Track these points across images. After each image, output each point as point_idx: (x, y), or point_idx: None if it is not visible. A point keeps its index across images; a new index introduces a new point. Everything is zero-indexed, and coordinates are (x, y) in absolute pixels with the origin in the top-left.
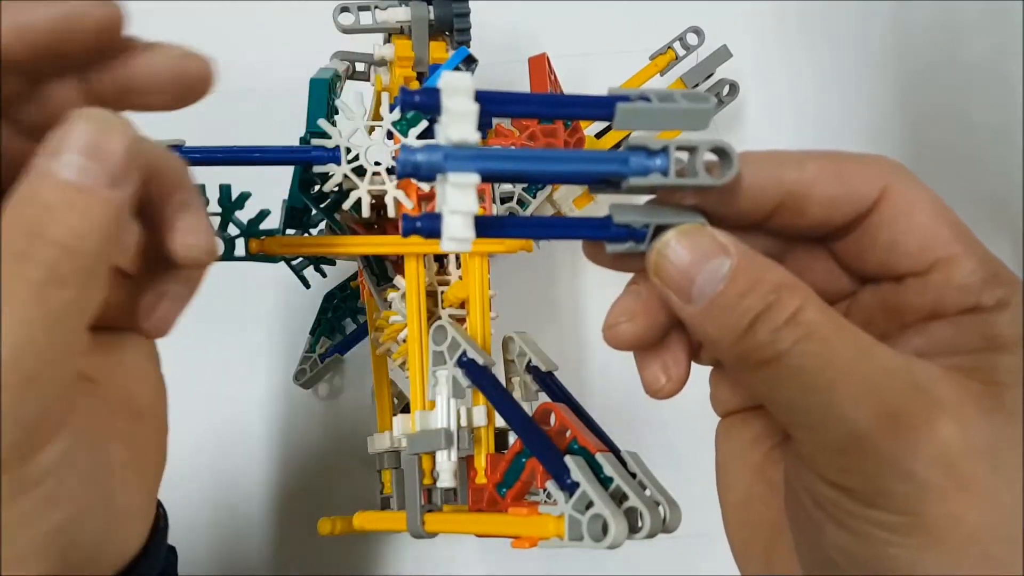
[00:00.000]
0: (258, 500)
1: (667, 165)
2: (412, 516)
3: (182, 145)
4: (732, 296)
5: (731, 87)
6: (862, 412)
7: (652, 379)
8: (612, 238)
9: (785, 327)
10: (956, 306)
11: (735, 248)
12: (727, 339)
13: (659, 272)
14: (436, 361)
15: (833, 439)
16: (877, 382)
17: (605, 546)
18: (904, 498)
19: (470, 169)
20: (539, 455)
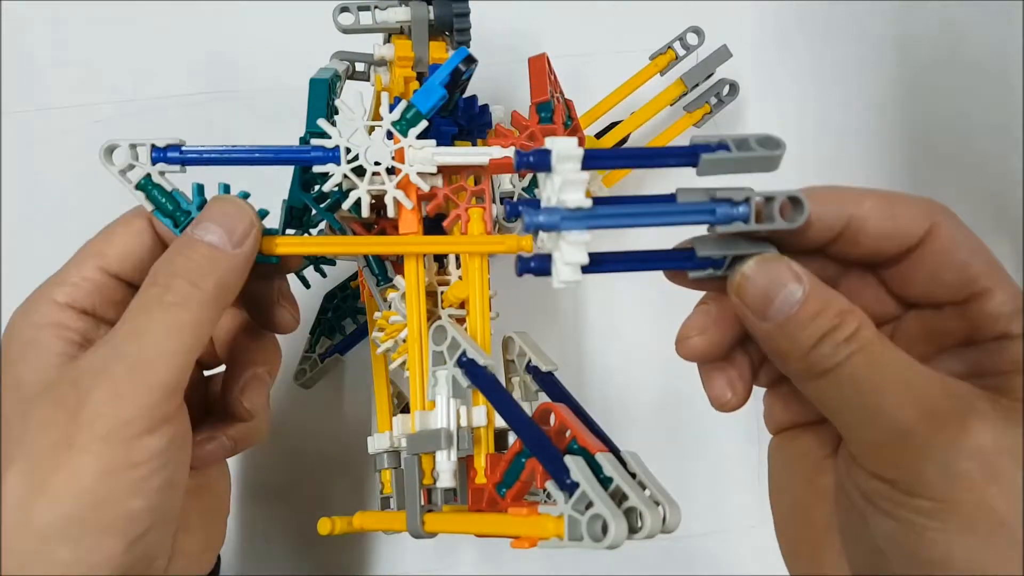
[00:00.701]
0: (257, 500)
1: (748, 213)
2: (412, 516)
3: (182, 145)
4: (804, 317)
5: (731, 87)
6: (906, 411)
7: (720, 393)
8: (696, 267)
9: (845, 343)
10: (988, 333)
11: (807, 278)
12: (796, 352)
13: (741, 293)
14: (436, 361)
15: (880, 436)
16: (919, 388)
17: (605, 546)
18: (941, 486)
19: (582, 227)
20: (539, 455)
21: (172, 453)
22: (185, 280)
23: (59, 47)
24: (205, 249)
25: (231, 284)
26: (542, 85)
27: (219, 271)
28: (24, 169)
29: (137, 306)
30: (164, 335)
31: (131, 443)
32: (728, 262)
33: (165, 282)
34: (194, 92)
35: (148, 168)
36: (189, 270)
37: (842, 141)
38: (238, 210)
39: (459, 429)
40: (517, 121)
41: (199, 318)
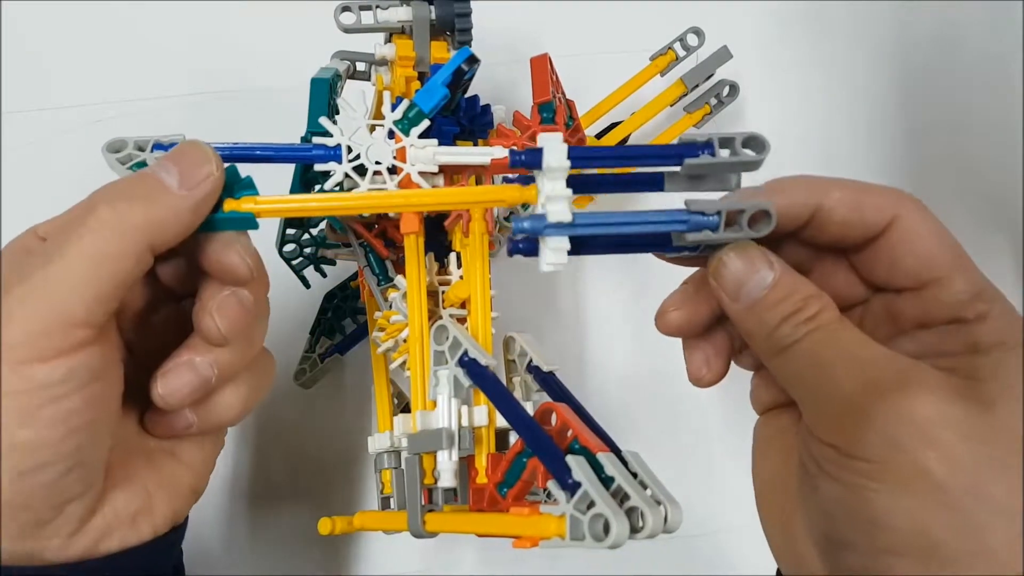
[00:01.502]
0: (257, 500)
1: (718, 223)
2: (413, 516)
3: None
4: (771, 300)
5: (731, 88)
6: (851, 382)
7: (696, 368)
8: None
9: (804, 324)
10: (943, 318)
11: (779, 265)
12: (762, 332)
13: (717, 276)
14: (437, 361)
15: (828, 405)
16: (866, 361)
17: (607, 546)
18: (879, 449)
19: (563, 235)
20: (540, 455)
21: (72, 388)
22: (111, 207)
23: (59, 47)
24: (151, 181)
25: (167, 224)
26: (544, 85)
27: (154, 206)
28: (24, 169)
29: (58, 228)
30: (74, 261)
31: (20, 368)
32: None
33: (92, 204)
34: (194, 92)
35: (145, 156)
36: (120, 197)
37: (842, 141)
38: (201, 154)
39: (460, 429)
40: (519, 121)
41: (118, 249)
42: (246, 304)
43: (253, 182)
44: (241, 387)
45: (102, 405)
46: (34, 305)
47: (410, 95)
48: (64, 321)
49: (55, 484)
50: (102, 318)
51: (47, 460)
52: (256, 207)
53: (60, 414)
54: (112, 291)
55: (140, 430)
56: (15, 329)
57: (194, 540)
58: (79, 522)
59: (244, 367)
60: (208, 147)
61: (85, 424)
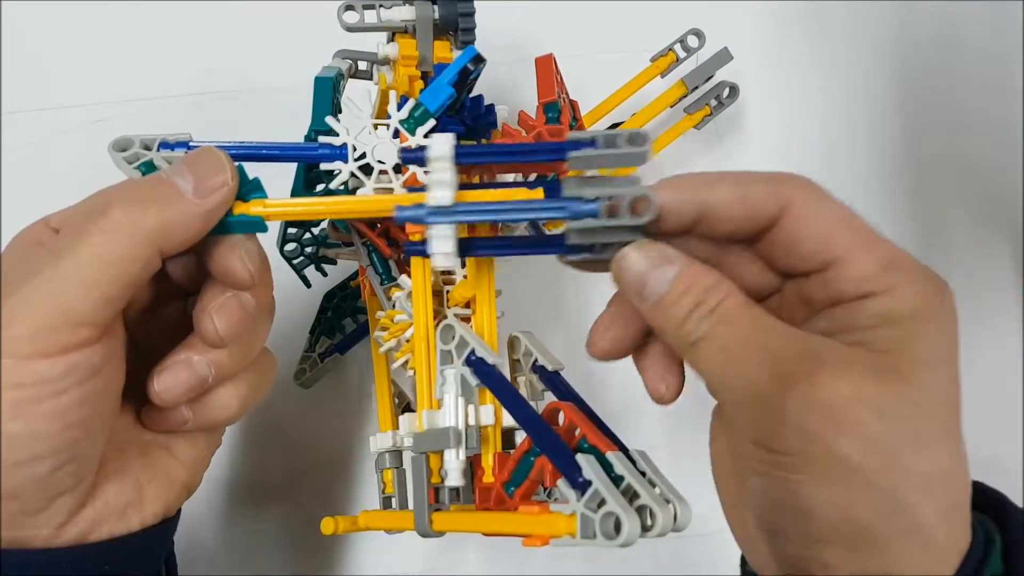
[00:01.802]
0: (257, 499)
1: (598, 211)
2: (420, 515)
3: (189, 140)
4: (675, 295)
5: (731, 89)
6: (761, 376)
7: (654, 389)
8: (568, 252)
9: (708, 316)
10: (851, 295)
11: (679, 259)
12: (670, 328)
13: (619, 277)
14: (444, 360)
15: (742, 399)
16: (773, 351)
17: (618, 544)
18: (794, 441)
19: (446, 222)
20: (550, 453)
21: (70, 384)
22: (124, 210)
23: (60, 47)
24: (165, 187)
25: (178, 230)
26: (549, 85)
27: (166, 212)
28: (24, 169)
29: (71, 224)
30: (83, 261)
31: (21, 362)
32: (600, 247)
33: (105, 206)
34: (194, 92)
35: (152, 155)
36: (135, 200)
37: (842, 142)
38: (216, 163)
39: (467, 428)
40: (524, 121)
41: (128, 252)
42: (247, 307)
43: (261, 183)
44: (240, 386)
45: (101, 402)
46: (40, 302)
47: (413, 94)
48: (69, 320)
49: (48, 477)
50: (107, 318)
51: (41, 453)
52: (265, 210)
53: (58, 409)
54: (119, 292)
55: (137, 423)
56: (21, 324)
57: (193, 540)
58: (68, 514)
59: (243, 367)
60: (224, 155)
61: (82, 420)
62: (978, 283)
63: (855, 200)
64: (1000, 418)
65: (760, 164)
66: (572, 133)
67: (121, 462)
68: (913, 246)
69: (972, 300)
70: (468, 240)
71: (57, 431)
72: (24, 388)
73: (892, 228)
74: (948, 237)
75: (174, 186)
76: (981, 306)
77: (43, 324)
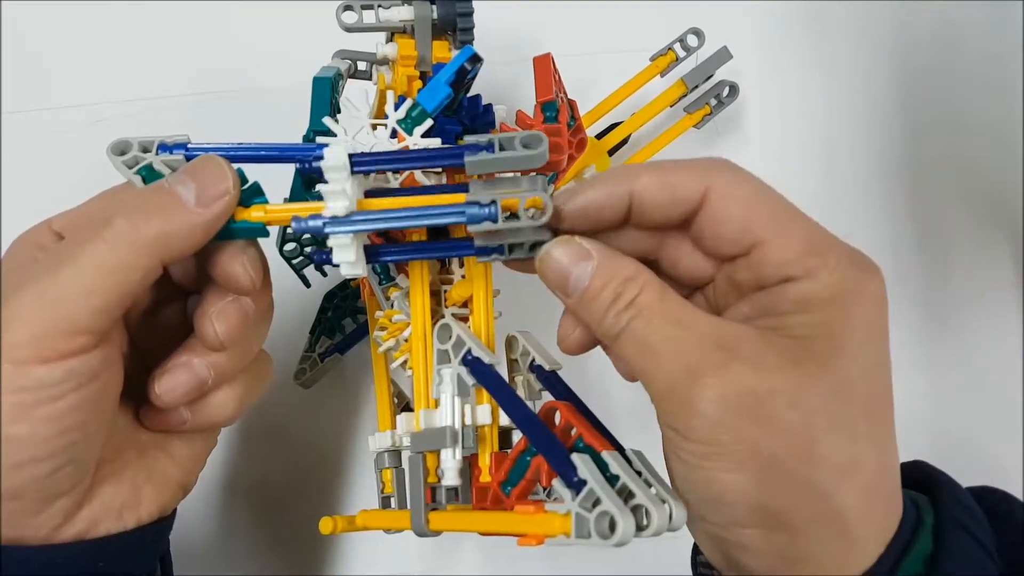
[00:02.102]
0: (256, 499)
1: (496, 214)
2: (416, 514)
3: (187, 142)
4: (594, 289)
5: (731, 88)
6: (675, 369)
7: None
8: (479, 254)
9: (626, 310)
10: (773, 279)
11: (597, 252)
12: (594, 322)
13: (543, 274)
14: (441, 359)
15: (661, 391)
16: (686, 346)
17: (612, 544)
18: (707, 431)
19: (344, 232)
20: (545, 453)
21: (68, 389)
22: (128, 220)
23: (60, 47)
24: (166, 196)
25: (180, 240)
26: (547, 85)
27: (169, 222)
28: (24, 169)
29: (74, 232)
30: (84, 270)
31: (21, 367)
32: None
33: (109, 215)
34: (194, 92)
35: (151, 159)
36: (138, 210)
37: (842, 142)
38: (218, 172)
39: (463, 427)
40: (522, 120)
41: (129, 262)
42: (247, 312)
43: (261, 188)
44: (237, 388)
45: (98, 406)
46: (40, 308)
47: (412, 94)
48: (68, 326)
49: (47, 479)
50: (106, 325)
51: (39, 456)
52: (266, 216)
53: (55, 413)
54: (119, 300)
55: (134, 423)
56: (21, 329)
57: (192, 539)
58: (65, 516)
59: (241, 369)
60: (226, 163)
61: (79, 424)
62: (978, 283)
63: (855, 200)
64: (1000, 418)
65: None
66: (470, 137)
67: (118, 463)
68: (913, 246)
69: (972, 300)
70: (374, 247)
71: (55, 435)
72: (24, 392)
73: (892, 228)
74: (948, 237)
75: (176, 195)
76: (981, 306)
77: (43, 330)
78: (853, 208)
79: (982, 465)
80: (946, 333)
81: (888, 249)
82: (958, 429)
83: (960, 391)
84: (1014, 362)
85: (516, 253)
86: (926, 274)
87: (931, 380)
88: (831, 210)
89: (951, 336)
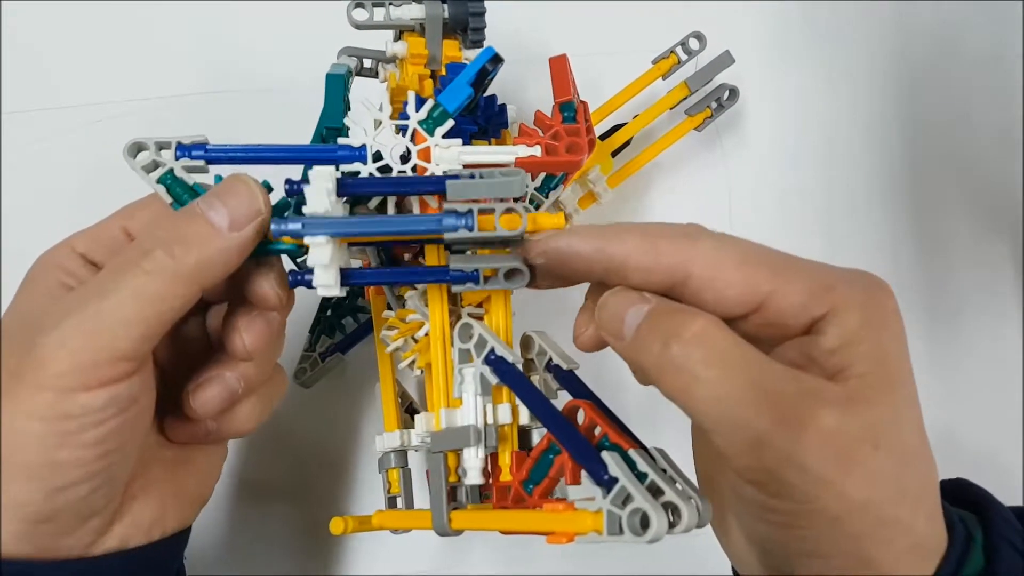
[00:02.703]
0: (257, 499)
1: (472, 223)
2: (438, 514)
3: (206, 143)
4: (652, 324)
5: (731, 92)
6: (763, 418)
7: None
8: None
9: (691, 343)
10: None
11: (654, 297)
12: (651, 359)
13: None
14: (462, 358)
15: (742, 440)
16: (772, 390)
17: (646, 540)
18: (802, 487)
19: (321, 233)
20: (574, 451)
21: (111, 414)
22: (166, 251)
23: (60, 47)
24: (201, 224)
25: (217, 266)
26: (564, 85)
27: (206, 250)
28: (25, 169)
29: (114, 264)
30: (126, 300)
31: (66, 395)
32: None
33: (148, 247)
34: (195, 92)
35: (171, 164)
36: (175, 240)
37: (842, 143)
38: (249, 193)
39: (486, 426)
40: (541, 120)
41: (170, 291)
42: (273, 325)
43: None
44: (258, 399)
45: (135, 428)
46: (84, 338)
47: (423, 93)
48: (111, 355)
49: (84, 500)
50: (146, 351)
51: (80, 479)
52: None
53: (98, 437)
54: (159, 329)
55: (159, 440)
56: (65, 359)
57: (195, 539)
58: (97, 534)
59: (263, 380)
60: (255, 183)
61: (120, 446)
62: (978, 283)
63: (855, 201)
64: (1000, 418)
65: (760, 165)
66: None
67: (146, 480)
68: (913, 246)
69: (972, 300)
70: (350, 269)
71: (96, 457)
72: (70, 419)
73: (892, 228)
74: (948, 237)
75: (209, 223)
76: (981, 306)
77: (87, 360)
78: (853, 209)
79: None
80: (946, 333)
81: (888, 249)
82: (958, 429)
83: (960, 391)
84: (1014, 362)
85: (491, 283)
86: (926, 274)
87: (931, 380)
88: (831, 211)
89: (951, 336)
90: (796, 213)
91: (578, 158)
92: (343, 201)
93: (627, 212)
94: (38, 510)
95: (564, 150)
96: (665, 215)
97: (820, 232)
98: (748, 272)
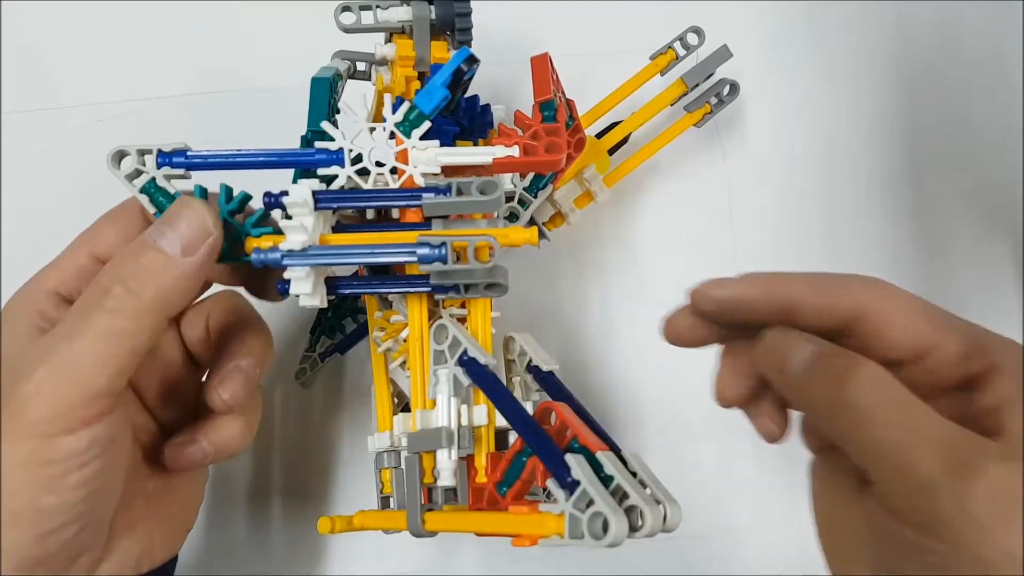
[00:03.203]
0: (255, 499)
1: (446, 256)
2: (412, 515)
3: (187, 150)
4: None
5: (731, 87)
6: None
7: (768, 432)
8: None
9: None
10: (952, 380)
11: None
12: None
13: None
14: (437, 360)
15: (909, 484)
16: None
17: (605, 544)
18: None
19: (301, 264)
20: (540, 453)
21: (94, 455)
22: (124, 287)
23: (60, 47)
24: (152, 255)
25: (177, 292)
26: (545, 84)
27: (163, 279)
28: (25, 169)
29: (79, 306)
30: (95, 340)
31: (48, 441)
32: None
33: (107, 286)
34: (194, 92)
35: (153, 172)
36: (131, 276)
37: (842, 141)
38: (197, 216)
39: (460, 428)
40: (521, 120)
41: (136, 326)
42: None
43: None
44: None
45: (119, 464)
46: (59, 382)
47: (411, 95)
48: (88, 395)
49: (71, 541)
50: (122, 385)
51: (67, 521)
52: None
53: (82, 479)
54: (131, 361)
55: (141, 472)
56: (44, 406)
57: (191, 540)
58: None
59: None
60: (203, 205)
61: (104, 485)
62: (978, 283)
63: (856, 200)
64: None
65: (760, 162)
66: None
67: (130, 515)
68: (913, 246)
69: (972, 300)
70: (333, 278)
71: (81, 499)
72: (54, 465)
73: (893, 228)
74: (948, 237)
75: (162, 251)
76: (981, 306)
77: (63, 403)
78: (853, 208)
79: None
80: None
81: (888, 249)
82: None
83: None
84: None
85: (471, 292)
86: (926, 274)
87: None
88: (831, 210)
89: None
90: (796, 213)
91: (557, 157)
92: None
93: (625, 211)
94: (28, 554)
95: (543, 150)
96: (664, 215)
97: (820, 232)
98: (916, 322)
